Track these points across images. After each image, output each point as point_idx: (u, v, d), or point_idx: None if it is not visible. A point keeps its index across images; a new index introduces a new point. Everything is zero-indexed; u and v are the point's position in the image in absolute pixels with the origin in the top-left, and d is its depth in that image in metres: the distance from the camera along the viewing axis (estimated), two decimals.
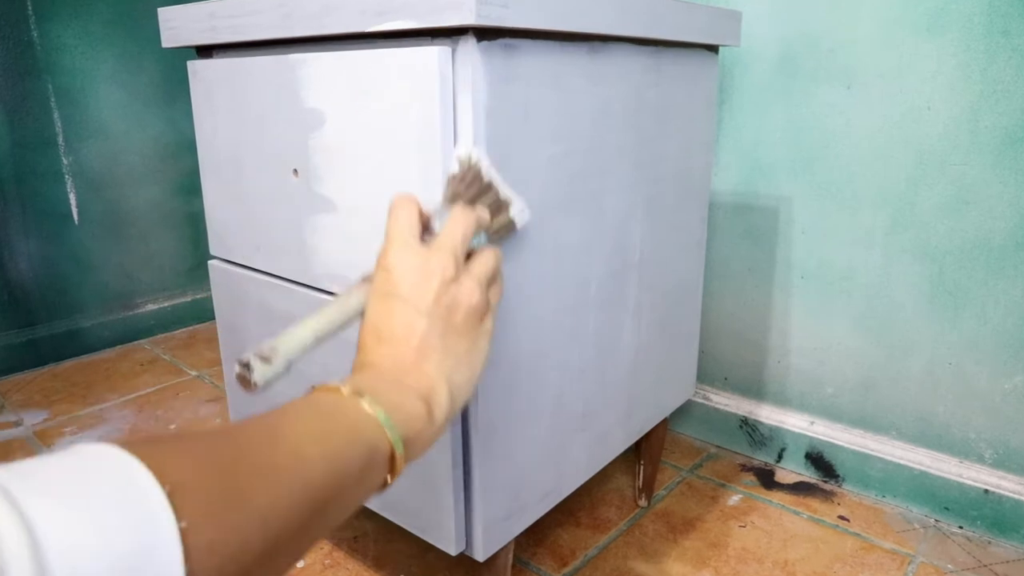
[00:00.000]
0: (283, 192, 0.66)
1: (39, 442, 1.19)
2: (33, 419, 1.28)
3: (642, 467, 0.96)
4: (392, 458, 0.35)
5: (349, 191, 0.59)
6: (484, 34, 0.50)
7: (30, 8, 1.36)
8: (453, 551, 0.62)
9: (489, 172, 0.51)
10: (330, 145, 0.60)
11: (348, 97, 0.57)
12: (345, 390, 0.35)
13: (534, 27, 0.52)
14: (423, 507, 0.64)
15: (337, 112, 0.58)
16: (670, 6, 0.68)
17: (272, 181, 0.67)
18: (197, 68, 0.72)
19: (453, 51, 0.51)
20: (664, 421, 0.92)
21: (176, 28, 0.72)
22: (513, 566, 0.87)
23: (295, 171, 0.64)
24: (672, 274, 0.83)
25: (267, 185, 0.68)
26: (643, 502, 0.98)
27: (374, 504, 0.68)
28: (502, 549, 0.66)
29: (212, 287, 0.80)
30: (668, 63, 0.72)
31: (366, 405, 0.34)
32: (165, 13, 0.73)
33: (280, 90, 0.63)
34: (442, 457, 0.59)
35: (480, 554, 0.62)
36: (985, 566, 0.86)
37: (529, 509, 0.67)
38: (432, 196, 0.52)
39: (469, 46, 0.50)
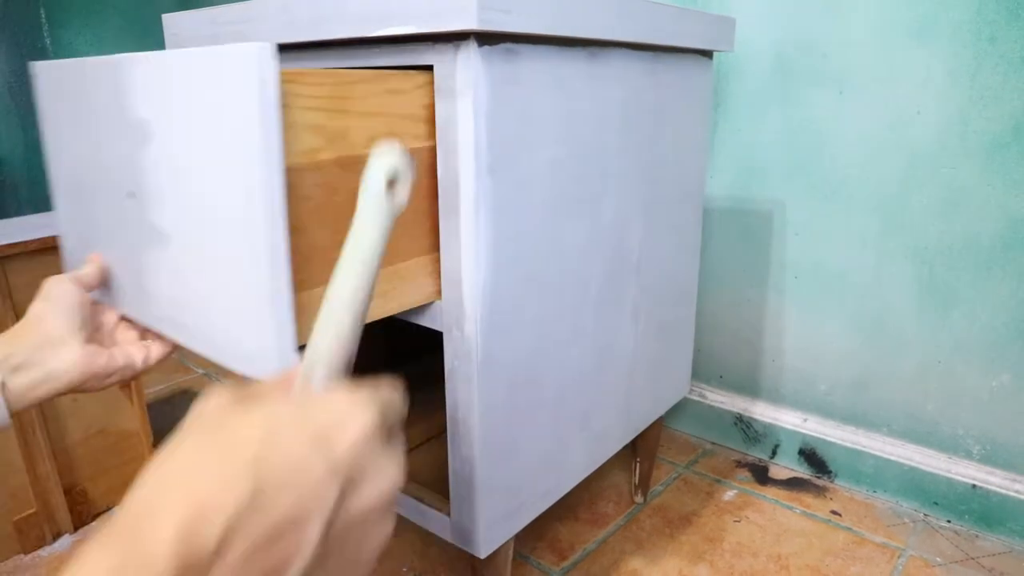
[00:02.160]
0: (120, 219, 0.53)
1: None
2: None
3: (638, 464, 0.98)
4: None
5: (180, 218, 0.48)
6: (486, 39, 0.51)
7: (43, 16, 1.39)
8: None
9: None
10: (160, 162, 0.48)
11: (173, 105, 0.46)
12: None
13: (535, 32, 0.53)
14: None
15: (164, 123, 0.47)
16: (667, 12, 0.69)
17: (110, 205, 0.54)
18: (39, 70, 0.58)
19: (455, 55, 0.51)
20: (660, 419, 0.94)
21: (179, 34, 0.73)
22: (514, 560, 0.89)
23: (131, 194, 0.51)
24: (669, 275, 0.84)
25: (106, 209, 0.55)
26: (639, 498, 1.01)
27: None
28: (502, 545, 0.67)
29: None
30: (664, 68, 0.74)
31: None
32: (169, 19, 0.74)
33: (111, 97, 0.51)
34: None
35: (481, 551, 0.63)
36: (972, 559, 0.89)
37: (529, 507, 0.68)
38: (256, 222, 0.41)
39: (471, 51, 0.50)
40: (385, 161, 0.32)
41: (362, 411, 0.26)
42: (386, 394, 0.28)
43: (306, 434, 0.24)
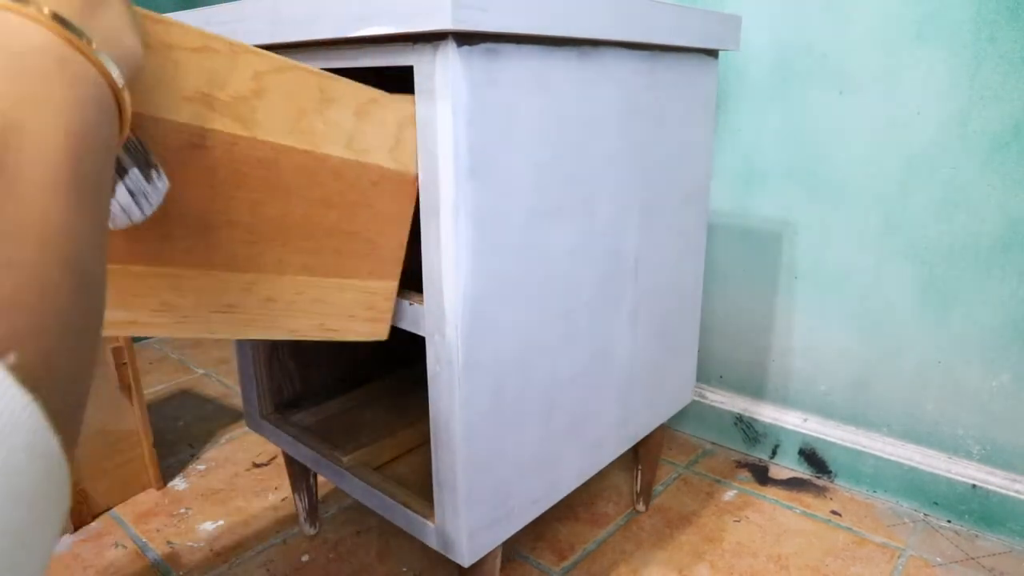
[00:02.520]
0: None
1: None
2: None
3: (640, 472, 0.96)
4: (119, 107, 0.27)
5: None
6: (465, 39, 0.50)
7: None
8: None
9: None
10: None
11: None
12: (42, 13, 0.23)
13: (517, 32, 0.52)
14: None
15: None
16: (667, 11, 0.67)
17: None
18: None
19: (433, 56, 0.51)
20: (662, 426, 0.92)
21: None
22: (513, 560, 0.89)
23: None
24: (670, 280, 0.83)
25: None
26: (641, 507, 0.99)
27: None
28: (489, 554, 0.66)
29: None
30: (663, 67, 0.72)
31: (82, 44, 0.24)
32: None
33: None
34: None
35: (466, 560, 0.62)
36: (973, 559, 0.89)
37: (517, 515, 0.67)
38: None
39: (449, 51, 0.49)
40: None
41: None
42: None
43: None
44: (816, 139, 0.98)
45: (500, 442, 0.62)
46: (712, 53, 0.81)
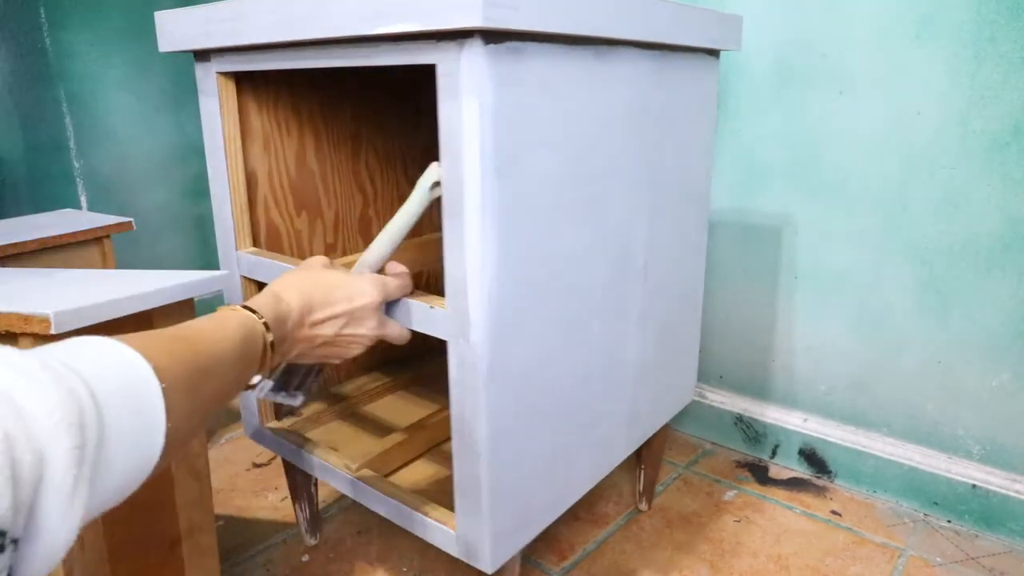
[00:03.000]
0: None
1: None
2: None
3: (643, 471, 0.96)
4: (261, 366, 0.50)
5: None
6: (491, 37, 0.49)
7: (43, 16, 1.39)
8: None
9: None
10: None
11: None
12: (261, 319, 0.49)
13: (541, 30, 0.51)
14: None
15: None
16: (675, 10, 0.67)
17: None
18: None
19: (459, 54, 0.49)
20: (664, 426, 0.91)
21: (172, 33, 0.70)
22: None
23: None
24: (675, 280, 0.82)
25: None
26: (643, 506, 0.99)
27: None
28: (510, 559, 0.65)
29: None
30: (670, 67, 0.72)
31: (268, 335, 0.50)
32: (162, 17, 0.70)
33: None
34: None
35: (490, 567, 0.61)
36: (973, 559, 0.89)
37: (536, 519, 0.66)
38: None
39: (476, 48, 0.48)
40: (433, 172, 0.56)
41: (375, 287, 0.58)
42: (392, 286, 0.59)
43: (353, 286, 0.57)
44: (816, 139, 0.98)
45: (522, 446, 0.61)
46: (714, 53, 0.81)
